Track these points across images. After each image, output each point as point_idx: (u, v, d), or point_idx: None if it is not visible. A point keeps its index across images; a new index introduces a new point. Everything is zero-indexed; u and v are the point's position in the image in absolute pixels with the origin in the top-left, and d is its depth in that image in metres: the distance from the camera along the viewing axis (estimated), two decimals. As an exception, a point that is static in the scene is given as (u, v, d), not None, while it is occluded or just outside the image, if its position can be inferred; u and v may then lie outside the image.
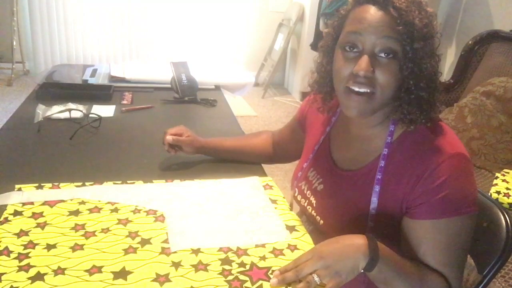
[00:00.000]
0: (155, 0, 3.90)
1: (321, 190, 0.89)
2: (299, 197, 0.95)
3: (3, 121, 1.35)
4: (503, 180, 1.65)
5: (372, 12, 0.73)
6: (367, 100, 0.75)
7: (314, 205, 0.89)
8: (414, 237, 0.75)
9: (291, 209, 0.90)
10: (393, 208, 0.78)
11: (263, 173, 1.06)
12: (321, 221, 0.87)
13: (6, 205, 0.83)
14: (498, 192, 1.57)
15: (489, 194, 1.57)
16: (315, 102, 0.94)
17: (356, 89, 0.74)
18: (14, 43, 3.69)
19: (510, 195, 1.55)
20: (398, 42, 0.72)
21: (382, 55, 0.73)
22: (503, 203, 1.53)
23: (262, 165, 1.13)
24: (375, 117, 0.81)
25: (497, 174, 1.71)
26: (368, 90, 0.74)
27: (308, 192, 0.92)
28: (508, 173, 1.72)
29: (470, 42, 2.33)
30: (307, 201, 0.92)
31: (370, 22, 0.73)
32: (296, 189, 0.96)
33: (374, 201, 0.78)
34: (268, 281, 0.67)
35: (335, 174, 0.87)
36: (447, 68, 3.00)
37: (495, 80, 2.00)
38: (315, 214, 0.89)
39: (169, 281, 0.66)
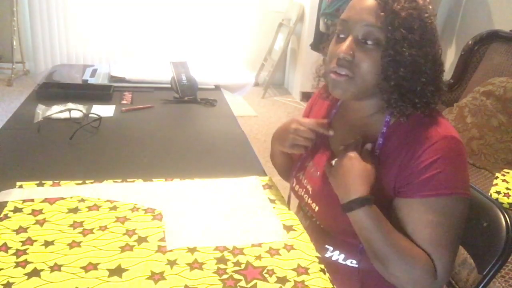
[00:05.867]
0: (155, 1, 3.90)
1: (318, 176, 0.89)
2: (296, 187, 0.96)
3: (3, 121, 1.35)
4: (503, 180, 1.65)
5: (361, 1, 0.76)
6: (347, 82, 0.77)
7: (311, 192, 0.90)
8: (402, 216, 0.76)
9: (288, 207, 0.90)
10: (386, 191, 0.79)
11: (263, 173, 1.06)
12: (317, 208, 0.88)
13: (6, 202, 0.83)
14: (498, 192, 1.57)
15: (489, 194, 1.57)
16: (321, 90, 0.96)
17: (337, 70, 0.77)
18: (14, 43, 3.70)
19: (510, 195, 1.55)
20: (382, 30, 0.73)
21: (365, 41, 0.75)
22: (503, 203, 1.52)
23: (262, 165, 1.13)
24: (370, 106, 0.83)
25: (497, 174, 1.71)
26: (347, 73, 0.76)
27: (305, 180, 0.92)
28: (508, 173, 1.71)
29: (470, 42, 2.33)
30: (304, 190, 0.93)
31: (356, 10, 0.76)
32: (294, 179, 0.97)
33: None
34: (263, 280, 0.67)
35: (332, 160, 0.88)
36: (447, 68, 2.99)
37: (495, 80, 1.99)
38: (311, 201, 0.90)
39: (164, 279, 0.66)
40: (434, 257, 0.73)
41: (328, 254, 0.87)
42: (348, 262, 0.86)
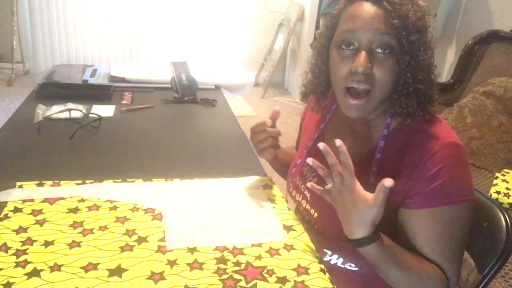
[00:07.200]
0: (155, 1, 3.91)
1: (315, 183, 0.89)
2: (293, 192, 0.95)
3: (3, 121, 1.35)
4: (503, 180, 1.65)
5: (366, 9, 0.73)
6: (366, 100, 0.75)
7: (309, 198, 0.90)
8: (410, 227, 0.75)
9: (288, 208, 0.90)
10: (388, 199, 0.77)
11: (263, 173, 1.06)
12: (315, 214, 0.87)
13: (6, 202, 0.83)
14: (498, 192, 1.57)
15: (489, 194, 1.57)
16: (310, 102, 0.94)
17: (356, 86, 0.74)
18: (14, 43, 3.70)
19: (510, 195, 1.55)
20: (394, 37, 0.72)
21: (379, 50, 0.73)
22: (503, 203, 1.52)
23: (262, 165, 1.13)
24: (372, 113, 0.82)
25: (497, 174, 1.71)
26: (367, 88, 0.74)
27: (303, 186, 0.92)
28: (508, 173, 1.71)
29: (470, 42, 2.33)
30: (301, 195, 0.92)
31: (365, 19, 0.73)
32: (291, 185, 0.96)
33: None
34: (263, 280, 0.67)
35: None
36: (447, 68, 2.99)
37: (495, 80, 1.99)
38: (309, 207, 0.89)
39: (164, 279, 0.66)
40: (446, 268, 0.73)
41: (326, 258, 0.87)
42: (347, 266, 0.85)
